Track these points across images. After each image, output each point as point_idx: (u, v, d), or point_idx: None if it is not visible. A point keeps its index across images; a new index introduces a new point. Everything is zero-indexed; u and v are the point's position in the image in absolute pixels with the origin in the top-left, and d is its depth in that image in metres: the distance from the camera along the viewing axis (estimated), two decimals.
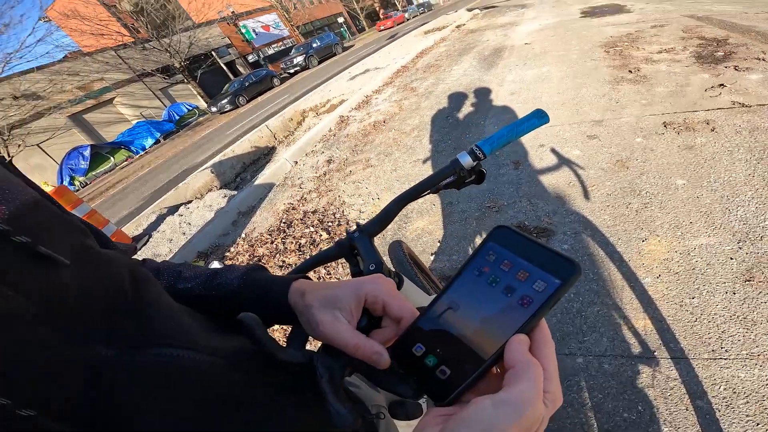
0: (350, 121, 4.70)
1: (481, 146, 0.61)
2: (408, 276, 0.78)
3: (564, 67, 4.09)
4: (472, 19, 11.41)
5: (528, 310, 0.26)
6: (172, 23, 22.20)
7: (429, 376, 0.28)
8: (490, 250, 0.30)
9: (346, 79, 8.16)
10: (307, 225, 2.69)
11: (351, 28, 39.72)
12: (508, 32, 7.34)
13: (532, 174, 2.37)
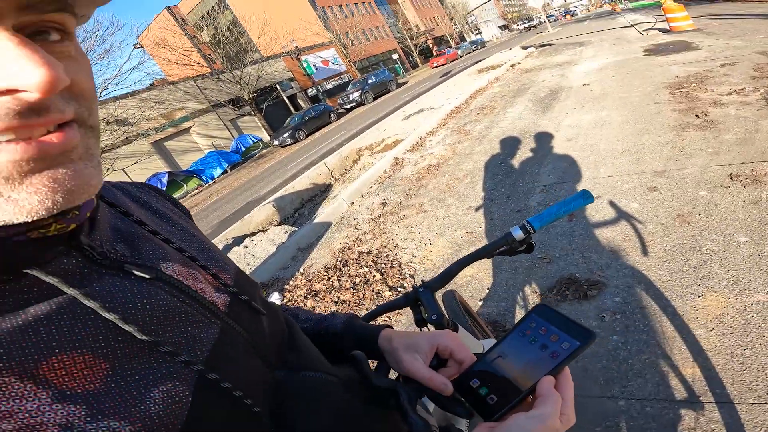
0: (405, 164, 4.98)
1: (531, 222, 0.73)
2: (461, 324, 0.94)
3: (625, 111, 4.08)
4: (527, 58, 11.59)
5: (556, 361, 0.40)
6: (244, 56, 24.81)
7: (481, 401, 0.42)
8: (533, 320, 0.44)
9: (400, 118, 8.62)
10: (362, 265, 2.91)
11: (405, 65, 41.73)
12: (565, 72, 7.39)
13: (586, 227, 2.41)
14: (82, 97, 0.29)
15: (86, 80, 0.30)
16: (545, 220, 0.74)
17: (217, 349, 0.34)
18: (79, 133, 0.29)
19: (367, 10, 40.78)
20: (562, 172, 3.22)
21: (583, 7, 73.97)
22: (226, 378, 0.32)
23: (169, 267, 0.36)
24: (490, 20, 69.72)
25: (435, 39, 49.89)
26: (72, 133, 0.27)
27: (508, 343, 0.44)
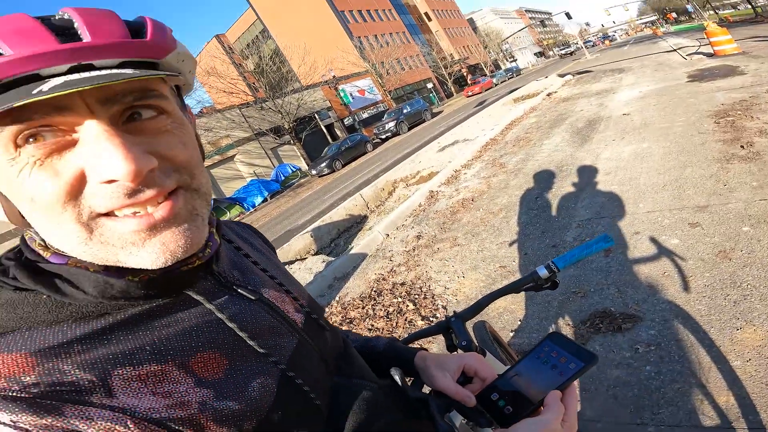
0: (439, 197, 5.14)
1: (556, 263, 0.82)
2: (490, 351, 1.04)
3: (667, 142, 4.06)
4: (564, 86, 11.63)
5: (563, 378, 0.49)
6: (285, 85, 26.29)
7: (499, 412, 0.50)
8: (546, 345, 0.54)
9: (435, 150, 8.87)
10: (396, 295, 3.07)
11: (439, 94, 42.57)
12: (603, 101, 7.39)
13: (623, 262, 2.44)
14: (182, 166, 0.38)
15: (183, 152, 0.38)
16: (568, 260, 0.84)
17: (295, 354, 0.45)
18: (184, 199, 0.38)
19: (401, 40, 42.55)
20: (600, 207, 3.26)
21: (622, 32, 73.02)
22: (300, 377, 0.44)
23: (266, 291, 0.49)
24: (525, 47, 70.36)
25: (469, 67, 50.81)
26: (176, 201, 0.37)
27: (524, 364, 0.54)
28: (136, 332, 0.37)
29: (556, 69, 22.34)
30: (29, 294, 0.36)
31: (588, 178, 3.92)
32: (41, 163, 0.33)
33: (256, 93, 26.20)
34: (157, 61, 0.39)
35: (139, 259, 0.35)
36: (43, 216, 0.34)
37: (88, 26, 0.35)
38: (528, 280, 0.85)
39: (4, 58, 0.32)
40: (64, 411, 0.31)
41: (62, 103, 0.33)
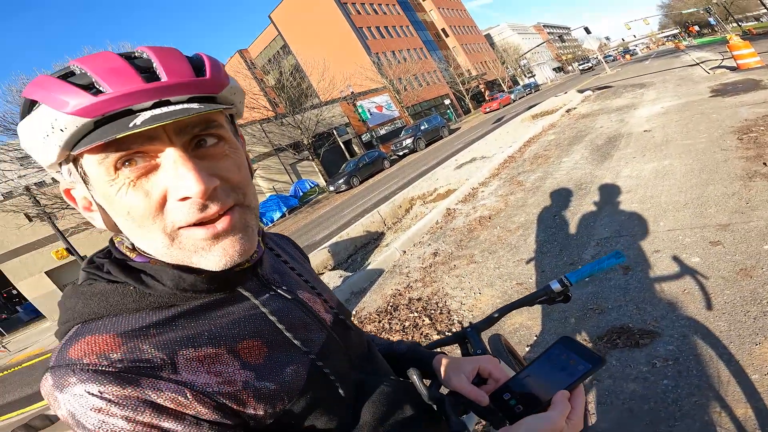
0: (456, 215, 5.24)
1: (568, 277, 0.87)
2: (504, 360, 1.11)
3: (689, 159, 4.08)
4: (584, 102, 11.66)
5: (571, 379, 0.52)
6: (304, 100, 26.92)
7: (510, 410, 0.53)
8: (557, 348, 0.57)
9: (452, 167, 8.99)
10: (412, 310, 3.17)
11: (457, 110, 42.90)
12: (624, 117, 7.41)
13: (642, 280, 2.48)
14: (237, 186, 0.46)
15: (238, 174, 0.47)
16: (581, 275, 0.88)
17: (323, 348, 0.53)
18: (239, 214, 0.46)
19: (419, 56, 43.38)
20: (619, 225, 3.30)
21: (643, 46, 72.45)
22: (327, 367, 0.51)
23: (300, 292, 0.57)
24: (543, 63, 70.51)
25: (487, 83, 51.19)
26: (233, 215, 0.45)
27: (535, 366, 0.57)
28: (197, 320, 0.45)
29: (576, 84, 22.38)
30: (119, 285, 0.45)
31: (607, 196, 3.96)
32: (134, 184, 0.42)
33: (276, 108, 27.01)
34: (216, 95, 0.47)
35: (206, 261, 0.45)
36: (136, 226, 0.44)
37: (164, 66, 0.43)
38: (541, 293, 0.89)
39: (105, 95, 0.40)
40: (141, 383, 0.39)
41: (149, 134, 0.41)
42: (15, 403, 6.85)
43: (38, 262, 19.29)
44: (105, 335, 0.41)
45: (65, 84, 0.41)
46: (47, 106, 0.41)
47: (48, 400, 0.41)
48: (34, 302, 19.92)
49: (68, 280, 20.35)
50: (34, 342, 15.10)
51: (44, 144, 0.41)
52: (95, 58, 0.43)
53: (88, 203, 0.47)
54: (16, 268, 19.17)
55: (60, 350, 0.42)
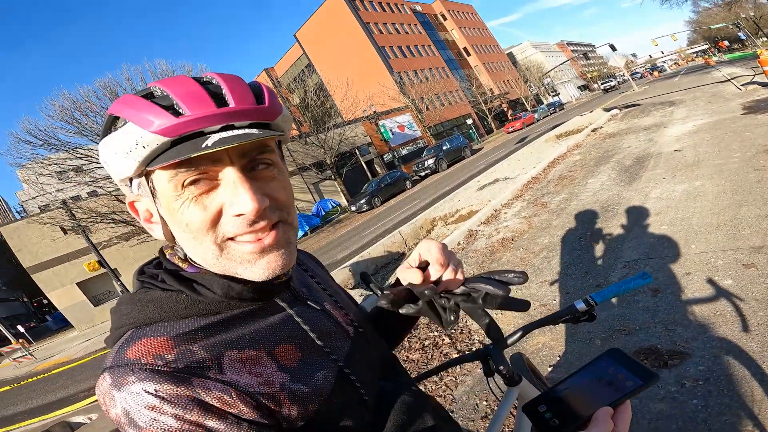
0: (478, 236, 5.24)
1: (594, 297, 0.87)
2: (528, 380, 1.09)
3: (721, 180, 3.99)
4: (611, 121, 11.53)
5: (617, 395, 0.47)
6: (328, 120, 27.36)
7: (545, 423, 0.49)
8: (604, 360, 0.52)
9: (475, 188, 8.99)
10: (432, 330, 3.19)
11: (479, 130, 42.74)
12: (653, 136, 7.29)
13: (672, 302, 2.45)
14: (282, 206, 0.51)
15: (284, 194, 0.51)
16: (606, 296, 0.88)
17: (349, 355, 0.57)
18: (282, 230, 0.50)
19: (441, 75, 43.76)
20: (648, 248, 3.25)
21: (671, 62, 71.03)
22: (353, 373, 0.55)
23: (326, 304, 0.62)
24: (567, 81, 70.10)
25: (510, 102, 51.12)
26: (279, 232, 0.50)
27: (577, 378, 0.53)
28: (240, 326, 0.50)
29: (602, 102, 22.15)
30: (173, 293, 0.49)
31: (636, 218, 3.90)
32: (196, 200, 0.47)
33: (300, 127, 27.72)
34: (271, 123, 0.51)
35: (251, 273, 0.49)
36: (192, 237, 0.48)
37: (232, 93, 0.47)
38: (565, 312, 0.90)
39: (184, 117, 0.44)
40: (192, 382, 0.42)
41: (215, 155, 0.46)
42: (37, 409, 7.15)
43: (70, 273, 20.19)
44: (160, 338, 0.45)
45: (151, 104, 0.45)
46: (134, 124, 0.45)
47: (103, 399, 0.44)
48: (64, 312, 20.74)
49: (97, 291, 21.20)
50: (60, 351, 15.66)
51: (126, 158, 0.46)
52: (175, 81, 0.47)
53: (149, 215, 0.53)
54: (48, 279, 20.12)
55: (117, 351, 0.45)
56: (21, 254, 19.75)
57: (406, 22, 44.82)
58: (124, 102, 0.47)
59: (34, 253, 19.58)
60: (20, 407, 8.24)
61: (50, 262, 19.74)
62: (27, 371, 13.04)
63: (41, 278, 19.96)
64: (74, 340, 17.72)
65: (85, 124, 15.52)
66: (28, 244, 19.43)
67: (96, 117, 15.66)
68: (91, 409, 5.30)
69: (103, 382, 0.44)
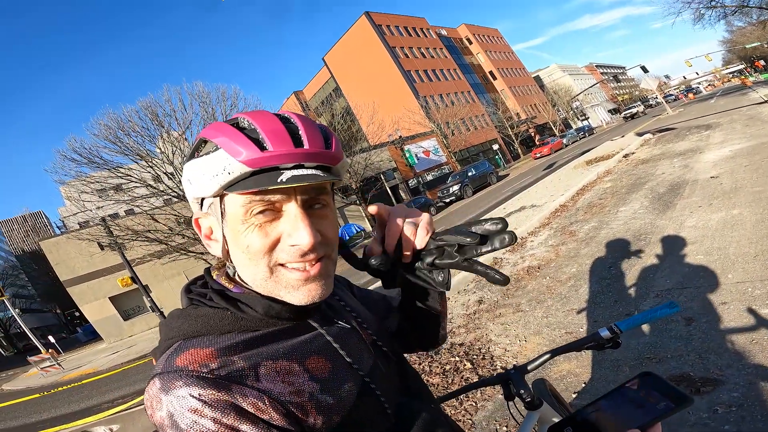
0: (503, 264, 5.19)
1: (619, 325, 0.88)
2: (550, 405, 1.08)
3: (760, 208, 3.85)
4: (643, 146, 11.29)
5: (647, 417, 0.46)
6: (354, 144, 27.65)
7: None
8: (635, 383, 0.51)
9: (500, 215, 8.91)
10: (453, 354, 3.18)
11: (505, 156, 42.34)
12: (688, 162, 7.10)
13: (707, 330, 2.39)
14: (329, 242, 0.56)
15: (332, 233, 0.57)
16: (631, 324, 0.88)
17: (372, 369, 0.60)
18: (325, 264, 0.55)
19: (466, 99, 43.90)
20: (682, 277, 3.15)
21: (706, 83, 68.86)
22: (376, 386, 0.58)
23: (352, 323, 0.66)
24: (597, 104, 69.08)
25: (537, 127, 50.56)
26: (323, 265, 0.55)
27: (607, 400, 0.52)
28: (276, 340, 0.55)
29: (634, 127, 21.72)
30: (219, 310, 0.55)
31: (670, 247, 3.79)
32: (260, 227, 0.52)
33: None
34: (332, 167, 0.56)
35: (292, 298, 0.54)
36: (248, 258, 0.53)
37: (307, 135, 0.53)
38: (589, 339, 0.90)
39: (268, 153, 0.50)
40: (231, 389, 0.46)
41: (285, 190, 0.51)
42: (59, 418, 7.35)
43: (103, 287, 21.13)
44: (206, 349, 0.50)
45: (242, 135, 0.51)
46: (225, 151, 0.50)
47: (150, 402, 0.48)
48: (95, 325, 21.63)
49: (128, 306, 22.01)
50: (87, 362, 16.11)
51: (211, 180, 0.51)
52: (262, 116, 0.53)
53: (210, 232, 0.58)
54: (82, 292, 21.11)
55: (167, 360, 0.50)
56: (59, 268, 20.91)
57: (432, 46, 45.68)
58: (217, 129, 0.53)
59: (71, 267, 20.68)
60: (43, 416, 8.47)
61: (85, 276, 20.79)
62: (54, 381, 13.43)
63: (75, 291, 20.99)
64: (102, 352, 18.29)
65: (127, 144, 16.37)
66: (66, 259, 20.58)
67: (137, 137, 16.59)
68: (113, 420, 5.42)
69: (152, 387, 0.48)
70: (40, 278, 55.47)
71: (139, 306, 21.71)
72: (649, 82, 21.49)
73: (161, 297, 20.13)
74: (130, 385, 8.63)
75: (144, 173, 16.92)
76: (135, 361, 12.30)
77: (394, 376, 0.66)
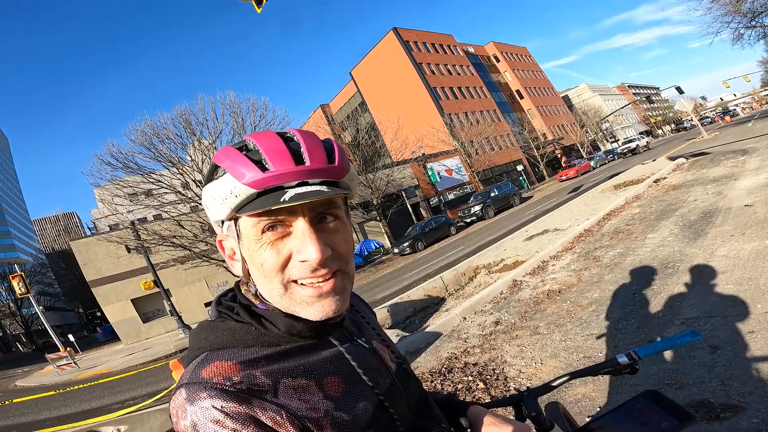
0: (523, 287, 5.14)
1: (637, 352, 0.87)
2: (562, 428, 1.07)
3: None
4: (676, 171, 10.98)
5: None
6: (377, 160, 27.54)
7: None
8: (639, 401, 0.53)
9: (522, 238, 8.82)
10: (466, 374, 3.18)
11: (530, 177, 41.71)
12: (722, 189, 6.89)
13: (732, 358, 2.35)
14: (342, 256, 0.58)
15: (344, 246, 0.58)
16: (651, 351, 0.88)
17: (388, 390, 0.62)
18: (340, 279, 0.57)
19: (492, 118, 43.66)
20: (710, 306, 3.07)
21: (744, 105, 66.17)
22: (390, 406, 0.60)
23: (374, 342, 0.68)
24: (628, 126, 67.65)
25: (564, 148, 49.80)
26: (336, 280, 0.56)
27: (609, 417, 0.54)
28: (295, 358, 0.57)
29: (666, 150, 21.18)
30: (245, 325, 0.58)
31: (698, 276, 3.69)
32: (272, 245, 0.55)
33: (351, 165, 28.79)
34: (339, 180, 0.58)
35: (306, 312, 0.56)
36: (263, 276, 0.56)
37: (308, 152, 0.55)
38: (606, 365, 0.90)
39: (269, 173, 0.52)
40: (252, 402, 0.49)
41: (290, 207, 0.53)
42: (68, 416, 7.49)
43: (126, 289, 21.85)
44: (229, 362, 0.53)
45: (244, 158, 0.54)
46: (230, 175, 0.53)
47: (176, 411, 0.50)
48: (115, 326, 22.29)
49: (148, 309, 22.65)
50: (103, 362, 16.47)
51: (222, 204, 0.55)
52: (264, 137, 0.56)
53: (233, 253, 0.61)
54: (106, 293, 21.88)
55: (193, 370, 0.53)
56: (86, 268, 21.79)
57: (459, 63, 45.97)
58: (225, 153, 0.56)
59: (98, 268, 21.52)
60: (53, 413, 8.66)
61: (110, 277, 21.58)
62: (68, 379, 13.70)
63: (99, 292, 21.77)
64: (119, 353, 18.73)
65: (161, 150, 17.24)
66: (94, 259, 21.45)
67: (170, 144, 17.42)
68: (123, 420, 5.48)
69: (178, 397, 0.51)
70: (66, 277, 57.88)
71: (158, 309, 22.26)
72: (684, 103, 20.89)
73: (180, 302, 20.64)
74: (143, 387, 8.85)
75: (174, 180, 17.71)
76: (149, 363, 12.56)
77: (411, 395, 0.67)
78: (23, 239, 71.23)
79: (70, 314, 63.38)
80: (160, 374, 9.89)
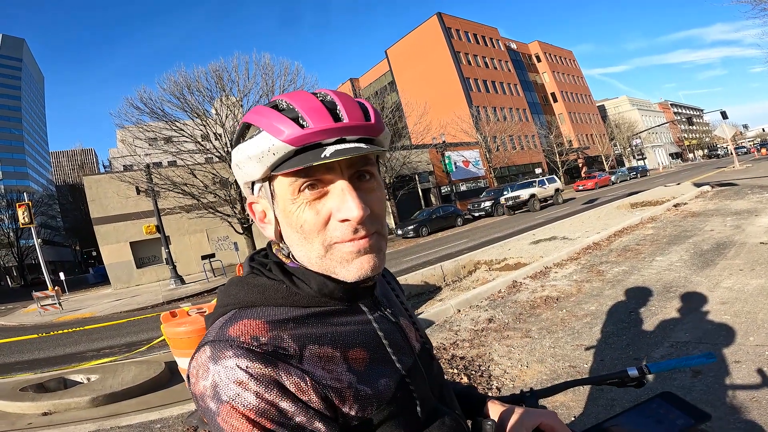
0: (522, 288, 5.22)
1: (649, 367, 0.86)
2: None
3: None
4: (698, 198, 10.83)
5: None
6: (396, 140, 27.42)
7: None
8: (655, 402, 0.54)
9: (528, 241, 8.84)
10: (452, 366, 3.27)
11: None
12: (742, 223, 6.82)
13: (711, 384, 2.42)
14: (378, 217, 0.56)
15: (380, 207, 0.57)
16: (663, 368, 0.89)
17: (411, 368, 0.60)
18: (377, 239, 0.55)
19: (520, 117, 43.40)
20: (702, 333, 3.15)
21: None
22: (412, 384, 0.58)
23: (401, 318, 0.66)
24: (659, 145, 66.02)
25: (587, 158, 49.19)
26: (374, 239, 0.55)
27: (625, 416, 0.53)
28: (323, 323, 0.55)
29: (692, 175, 20.80)
30: (276, 282, 0.56)
31: (698, 303, 3.74)
32: (310, 205, 0.53)
33: None
34: (375, 138, 0.56)
35: (346, 273, 0.54)
36: (303, 237, 0.54)
37: (345, 109, 0.53)
38: (614, 375, 0.89)
39: (308, 129, 0.51)
40: (278, 365, 0.48)
41: (328, 165, 0.52)
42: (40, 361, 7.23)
43: (128, 231, 22.28)
44: (258, 321, 0.52)
45: (281, 115, 0.52)
46: (267, 133, 0.52)
47: (196, 370, 0.49)
48: (108, 268, 22.70)
49: (145, 254, 23.18)
50: (88, 306, 16.38)
51: (258, 163, 0.53)
52: (298, 96, 0.55)
53: (263, 215, 0.60)
54: (107, 233, 22.32)
55: (220, 328, 0.52)
56: (93, 204, 22.27)
57: (498, 57, 45.34)
58: (258, 112, 0.55)
59: (105, 206, 21.98)
60: (25, 356, 8.39)
61: (115, 217, 22.05)
62: (48, 320, 13.34)
63: (101, 231, 22.24)
64: (105, 297, 18.81)
65: (189, 101, 17.65)
66: (103, 197, 21.89)
67: (199, 96, 17.82)
68: (94, 369, 5.46)
69: (202, 354, 0.49)
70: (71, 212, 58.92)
71: (154, 256, 22.75)
72: (725, 129, 20.26)
73: (177, 251, 21.01)
74: (122, 337, 8.84)
75: (195, 130, 18.09)
76: (134, 313, 12.48)
77: (433, 377, 0.66)
78: (38, 169, 72.49)
79: (67, 250, 64.57)
80: (142, 324, 9.95)
